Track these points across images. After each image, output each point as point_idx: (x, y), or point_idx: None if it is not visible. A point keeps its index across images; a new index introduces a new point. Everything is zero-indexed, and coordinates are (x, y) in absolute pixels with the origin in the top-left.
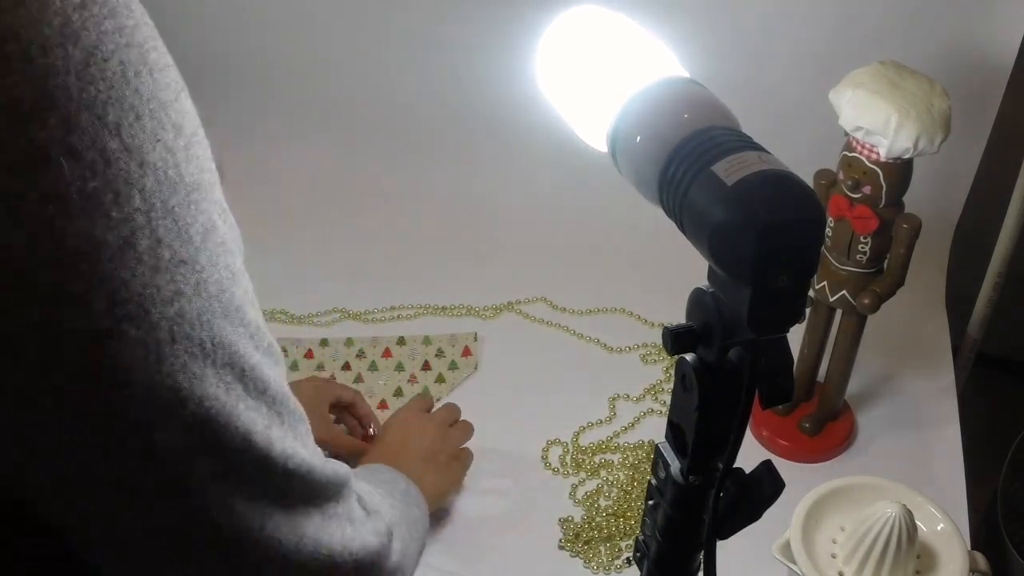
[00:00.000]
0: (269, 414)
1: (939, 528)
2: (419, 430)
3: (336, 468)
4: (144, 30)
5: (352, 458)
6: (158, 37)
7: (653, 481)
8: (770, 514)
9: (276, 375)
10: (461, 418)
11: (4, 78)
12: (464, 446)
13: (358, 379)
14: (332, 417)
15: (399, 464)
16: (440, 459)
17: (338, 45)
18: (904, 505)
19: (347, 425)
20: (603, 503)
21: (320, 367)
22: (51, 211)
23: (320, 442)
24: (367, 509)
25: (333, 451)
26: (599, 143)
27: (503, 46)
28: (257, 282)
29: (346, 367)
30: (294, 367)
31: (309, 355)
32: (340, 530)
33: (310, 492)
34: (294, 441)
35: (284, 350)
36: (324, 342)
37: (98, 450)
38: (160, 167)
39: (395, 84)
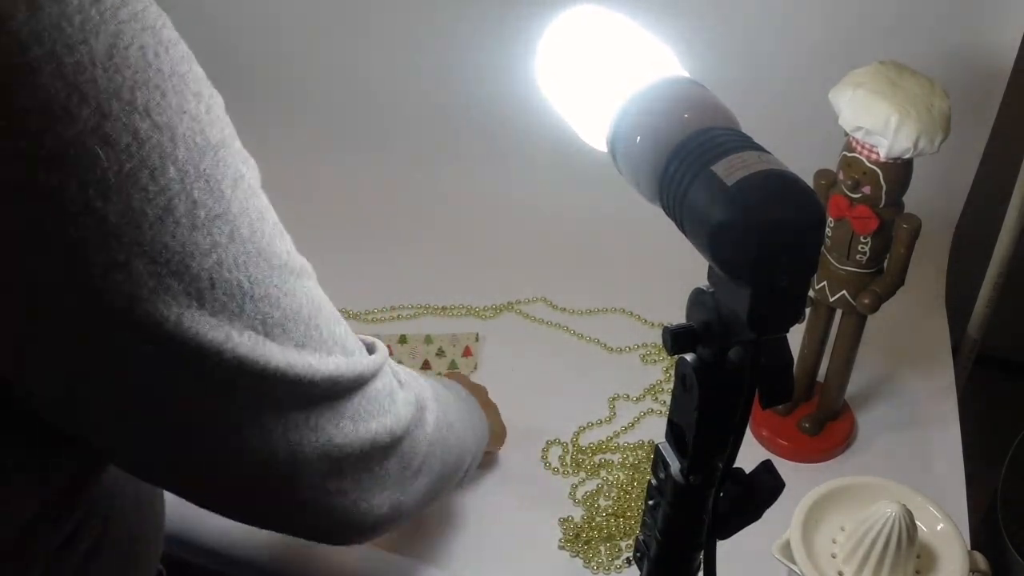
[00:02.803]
0: (305, 333)
1: (939, 528)
2: (475, 389)
3: (367, 363)
4: (152, 10)
5: None
6: (164, 13)
7: (653, 481)
8: (770, 514)
9: (309, 291)
10: None
11: (31, 79)
12: None
13: None
14: None
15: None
16: (491, 403)
17: (336, 45)
18: (904, 505)
19: None
20: (603, 503)
21: None
22: (91, 195)
23: None
24: (400, 381)
25: None
26: (599, 143)
27: (503, 46)
28: None
29: None
30: None
31: None
32: (377, 407)
33: (347, 388)
34: (329, 353)
35: None
36: None
37: (145, 389)
38: (189, 136)
39: (394, 84)
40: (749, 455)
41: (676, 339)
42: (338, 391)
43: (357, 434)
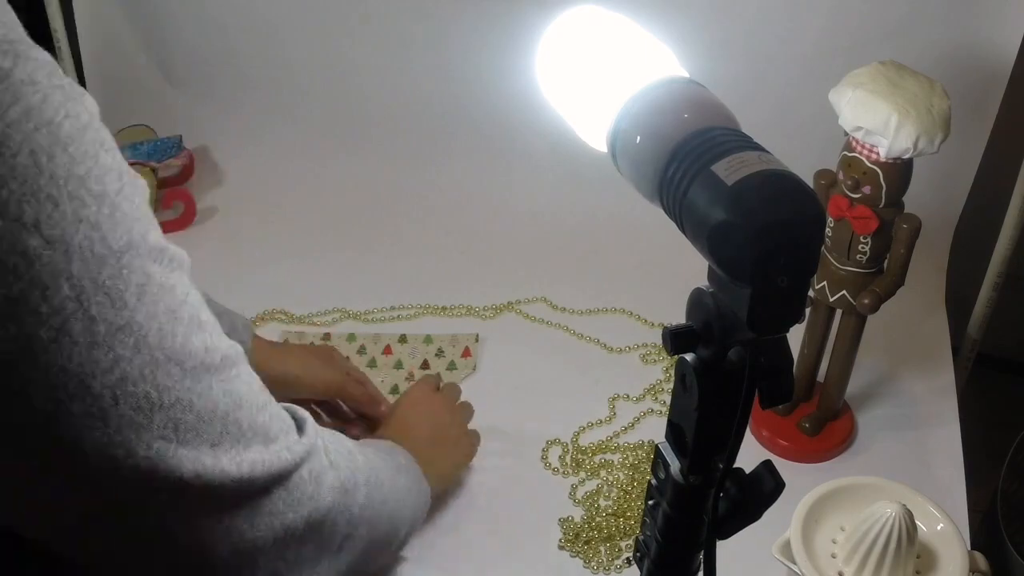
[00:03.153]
0: (221, 431)
1: (939, 528)
2: (428, 407)
3: (289, 455)
4: (54, 97)
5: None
6: (69, 89)
7: (653, 481)
8: (770, 514)
9: (228, 383)
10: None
11: None
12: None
13: None
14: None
15: (410, 441)
16: (451, 433)
17: (336, 45)
18: (904, 505)
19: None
20: (603, 503)
21: None
22: None
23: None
24: (331, 461)
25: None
26: (599, 143)
27: (503, 46)
28: (258, 282)
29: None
30: None
31: None
32: (299, 496)
33: (264, 485)
34: (247, 448)
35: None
36: (326, 337)
37: (65, 501)
38: (86, 246)
39: (394, 84)
40: (749, 455)
41: (676, 339)
42: (253, 490)
43: (272, 527)
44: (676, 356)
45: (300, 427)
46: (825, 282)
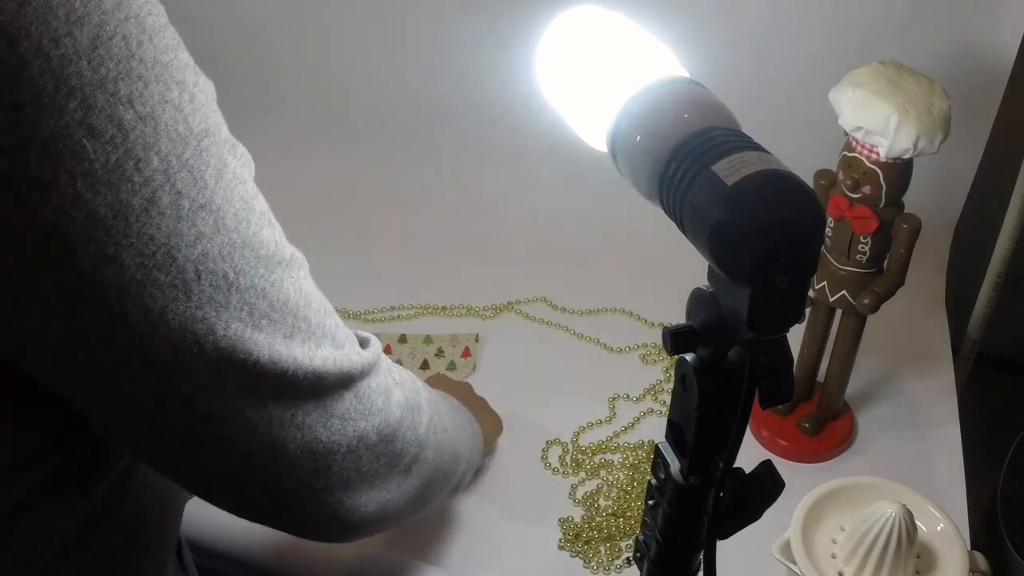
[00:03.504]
0: (293, 324)
1: (939, 528)
2: (457, 384)
3: (357, 359)
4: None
5: None
6: (151, 1)
7: (653, 481)
8: (770, 514)
9: (298, 282)
10: None
11: (22, 73)
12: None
13: None
14: None
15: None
16: (483, 406)
17: (336, 45)
18: (904, 505)
19: None
20: (603, 503)
21: None
22: (80, 188)
23: None
24: (395, 379)
25: None
26: (599, 143)
27: (503, 46)
28: None
29: None
30: None
31: None
32: (369, 406)
33: (334, 384)
34: (318, 345)
35: None
36: None
37: (132, 382)
38: (171, 125)
39: (394, 84)
40: (749, 455)
41: (676, 339)
42: (324, 387)
43: (345, 433)
44: (676, 356)
45: (363, 343)
46: (825, 282)
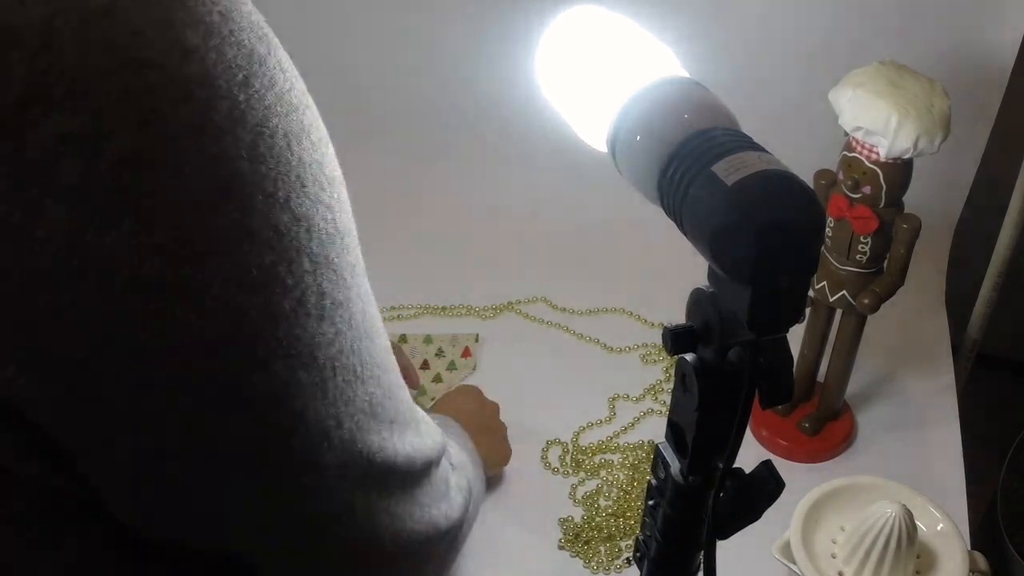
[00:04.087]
0: (395, 409)
1: (939, 528)
2: (479, 403)
3: (436, 438)
4: (297, 88)
5: None
6: (303, 88)
7: (653, 481)
8: (770, 514)
9: (390, 353)
10: None
11: (182, 168)
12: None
13: None
14: None
15: (461, 420)
16: (493, 426)
17: (336, 44)
18: (904, 505)
19: None
20: (603, 503)
21: None
22: (233, 291)
23: None
24: (452, 464)
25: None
26: (599, 143)
27: (503, 46)
28: None
29: None
30: None
31: None
32: (437, 493)
33: (423, 471)
34: (415, 435)
35: None
36: None
37: (257, 480)
38: (322, 227)
39: (394, 84)
40: (749, 455)
41: (676, 339)
42: (414, 474)
43: (424, 521)
44: (676, 356)
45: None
46: (825, 282)
